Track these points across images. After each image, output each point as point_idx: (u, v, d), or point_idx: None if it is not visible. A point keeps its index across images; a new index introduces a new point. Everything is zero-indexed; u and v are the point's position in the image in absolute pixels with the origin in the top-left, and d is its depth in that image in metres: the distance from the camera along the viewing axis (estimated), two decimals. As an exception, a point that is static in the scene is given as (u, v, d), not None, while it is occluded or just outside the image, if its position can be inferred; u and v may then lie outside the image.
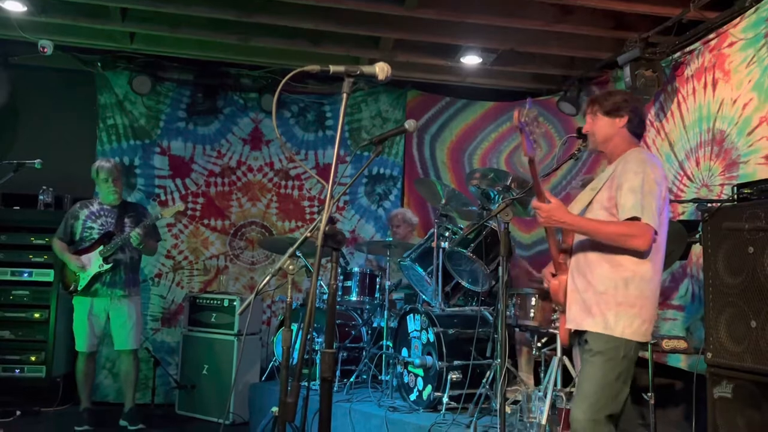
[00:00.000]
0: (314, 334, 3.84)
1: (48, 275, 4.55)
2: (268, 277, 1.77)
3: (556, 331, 3.08)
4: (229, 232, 5.21)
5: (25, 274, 4.53)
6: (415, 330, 3.71)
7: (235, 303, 4.40)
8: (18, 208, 4.67)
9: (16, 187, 4.14)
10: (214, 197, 5.24)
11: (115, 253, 3.86)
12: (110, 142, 5.06)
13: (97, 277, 3.87)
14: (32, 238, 4.58)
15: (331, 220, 1.71)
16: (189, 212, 5.17)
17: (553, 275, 2.41)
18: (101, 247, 3.84)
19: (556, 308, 2.50)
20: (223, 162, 5.27)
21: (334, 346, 2.45)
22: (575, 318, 2.34)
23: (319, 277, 4.09)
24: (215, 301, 4.50)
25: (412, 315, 3.76)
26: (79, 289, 3.87)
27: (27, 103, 4.94)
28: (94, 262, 3.83)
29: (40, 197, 4.71)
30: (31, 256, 4.57)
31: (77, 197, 4.37)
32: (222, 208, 5.22)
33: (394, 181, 5.39)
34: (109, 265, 3.82)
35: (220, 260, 5.19)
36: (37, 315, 4.49)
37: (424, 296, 3.86)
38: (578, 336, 2.40)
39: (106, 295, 3.89)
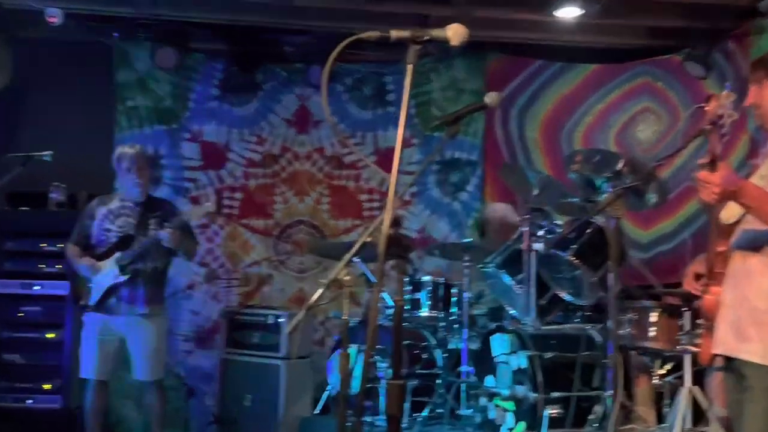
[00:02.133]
0: (377, 358, 3.83)
1: (62, 288, 4.59)
2: (320, 290, 1.80)
3: (685, 353, 3.05)
4: (273, 233, 5.32)
5: (36, 287, 4.60)
6: (503, 353, 3.72)
7: (281, 320, 4.45)
8: (26, 208, 4.76)
9: (24, 184, 4.19)
10: (254, 192, 5.35)
11: (135, 262, 3.87)
12: (131, 128, 5.15)
13: (112, 291, 3.87)
14: (43, 245, 4.67)
15: (396, 221, 1.69)
16: (225, 210, 5.22)
17: (699, 277, 2.36)
18: (118, 254, 3.85)
19: (702, 324, 2.45)
20: (263, 149, 5.37)
21: (402, 374, 2.44)
22: (725, 340, 2.31)
23: (382, 289, 4.11)
24: (258, 318, 4.55)
25: (498, 335, 3.77)
26: (90, 303, 3.88)
27: (33, 84, 5.05)
28: (108, 272, 3.84)
29: (51, 195, 4.77)
30: (42, 266, 4.64)
31: (94, 194, 4.37)
32: (264, 205, 5.34)
33: (473, 167, 5.40)
34: (126, 276, 3.81)
35: (263, 268, 5.29)
36: (50, 335, 4.56)
37: (512, 311, 3.87)
38: (726, 363, 2.36)
39: (123, 313, 3.90)
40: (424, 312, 4.06)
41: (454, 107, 5.08)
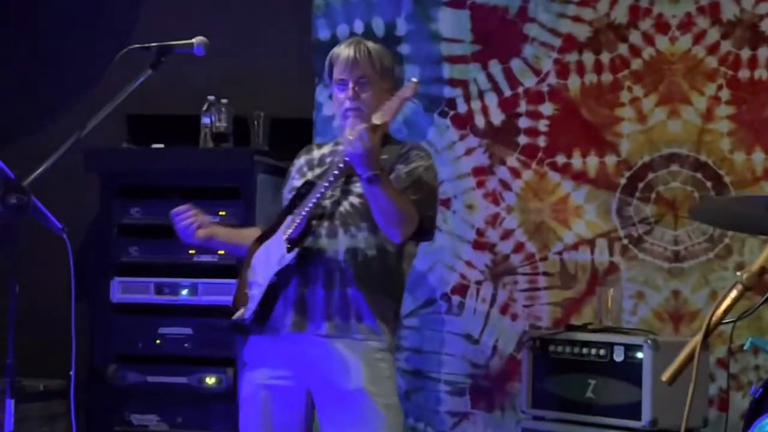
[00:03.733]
0: None
1: (228, 293, 3.99)
2: (731, 294, 1.79)
3: None
4: (618, 182, 4.21)
5: (184, 291, 4.12)
6: None
7: (639, 355, 3.64)
8: (160, 146, 4.22)
9: (157, 99, 3.79)
10: (578, 100, 4.24)
11: (316, 235, 3.15)
12: None
13: (275, 290, 3.08)
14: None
15: None
16: (523, 139, 4.25)
17: None
18: (289, 218, 3.17)
19: None
20: (595, 13, 4.21)
21: None
22: None
23: None
24: (591, 350, 3.78)
25: None
26: (245, 317, 3.17)
27: None
28: (273, 256, 3.16)
29: (205, 120, 4.12)
30: (192, 252, 4.06)
31: (282, 118, 4.21)
32: (600, 125, 4.23)
33: None
34: (294, 253, 3.06)
35: (600, 250, 4.24)
36: (210, 381, 4.02)
37: None
38: None
39: (297, 331, 3.15)
40: None
41: None
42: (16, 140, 4.31)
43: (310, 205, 2.98)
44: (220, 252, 3.92)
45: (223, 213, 4.00)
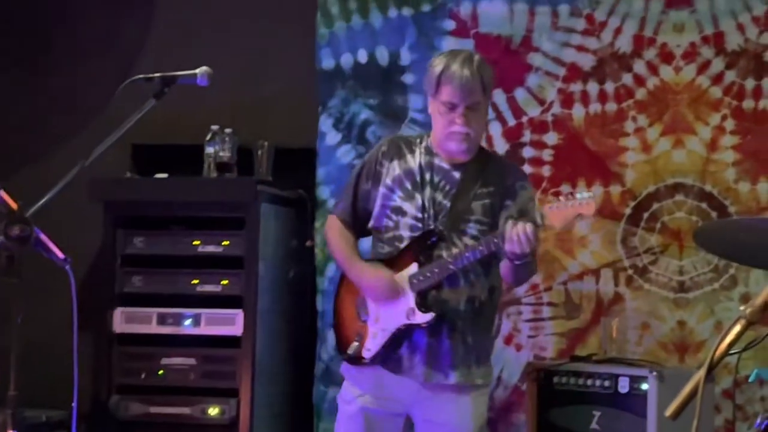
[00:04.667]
0: None
1: (231, 323, 4.01)
2: (736, 327, 1.73)
3: None
4: (623, 212, 4.27)
5: (187, 322, 4.08)
6: None
7: (644, 387, 3.69)
8: (164, 176, 4.22)
9: (161, 128, 3.90)
10: (582, 129, 4.33)
11: (441, 287, 3.27)
12: (345, 17, 4.46)
13: (398, 339, 3.26)
14: (196, 241, 4.13)
15: None
16: (527, 169, 4.22)
17: None
18: (414, 266, 3.22)
19: None
20: (599, 42, 4.29)
21: None
22: None
23: None
24: (595, 382, 3.85)
25: None
26: (366, 357, 3.30)
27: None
28: (399, 302, 3.30)
29: (209, 149, 4.14)
30: (195, 282, 4.07)
31: (286, 147, 4.18)
32: (604, 155, 4.31)
33: None
34: (430, 316, 3.20)
35: (605, 281, 4.34)
36: (213, 412, 3.97)
37: None
38: None
39: (416, 378, 3.31)
40: None
41: None
42: (19, 170, 4.32)
43: (445, 270, 3.08)
44: (223, 282, 3.97)
45: (227, 243, 4.02)
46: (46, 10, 4.66)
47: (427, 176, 3.14)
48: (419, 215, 3.10)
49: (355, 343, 3.13)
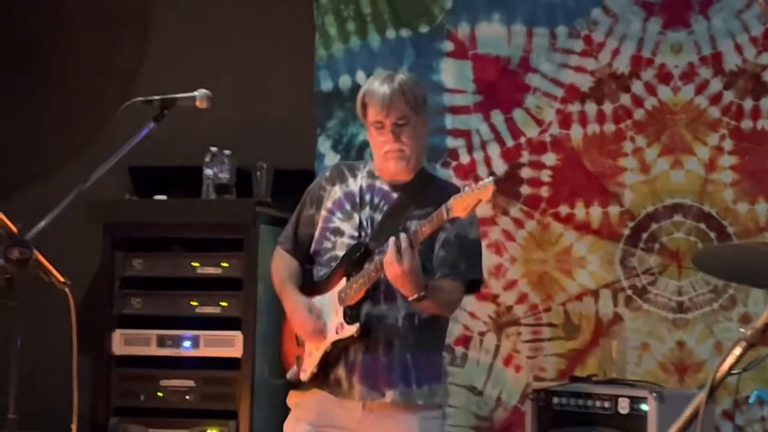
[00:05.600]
0: None
1: (230, 345, 4.02)
2: (736, 349, 1.80)
3: None
4: (621, 233, 4.25)
5: (186, 344, 4.10)
6: None
7: (644, 407, 3.67)
8: (163, 197, 4.23)
9: (159, 150, 3.77)
10: (581, 150, 4.30)
11: (374, 300, 3.19)
12: (343, 39, 4.46)
13: (334, 357, 3.21)
14: (195, 263, 4.13)
15: None
16: (526, 189, 4.29)
17: None
18: (344, 281, 3.18)
19: None
20: (597, 63, 4.28)
21: None
22: None
23: None
24: (594, 403, 3.82)
25: None
26: (303, 379, 3.24)
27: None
28: (327, 316, 3.22)
29: (207, 171, 4.14)
30: (194, 303, 4.09)
31: (284, 169, 4.19)
32: (602, 176, 4.30)
33: None
34: (356, 327, 3.11)
35: (604, 301, 4.30)
36: None
37: None
38: None
39: (362, 399, 3.21)
40: None
41: None
42: (18, 192, 4.32)
43: (368, 277, 3.00)
44: (222, 303, 3.97)
45: (226, 264, 4.02)
46: (44, 32, 4.65)
47: (367, 197, 3.13)
48: (355, 234, 3.08)
49: (294, 368, 3.12)
